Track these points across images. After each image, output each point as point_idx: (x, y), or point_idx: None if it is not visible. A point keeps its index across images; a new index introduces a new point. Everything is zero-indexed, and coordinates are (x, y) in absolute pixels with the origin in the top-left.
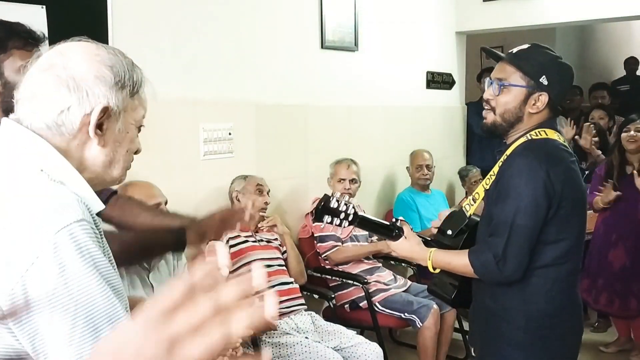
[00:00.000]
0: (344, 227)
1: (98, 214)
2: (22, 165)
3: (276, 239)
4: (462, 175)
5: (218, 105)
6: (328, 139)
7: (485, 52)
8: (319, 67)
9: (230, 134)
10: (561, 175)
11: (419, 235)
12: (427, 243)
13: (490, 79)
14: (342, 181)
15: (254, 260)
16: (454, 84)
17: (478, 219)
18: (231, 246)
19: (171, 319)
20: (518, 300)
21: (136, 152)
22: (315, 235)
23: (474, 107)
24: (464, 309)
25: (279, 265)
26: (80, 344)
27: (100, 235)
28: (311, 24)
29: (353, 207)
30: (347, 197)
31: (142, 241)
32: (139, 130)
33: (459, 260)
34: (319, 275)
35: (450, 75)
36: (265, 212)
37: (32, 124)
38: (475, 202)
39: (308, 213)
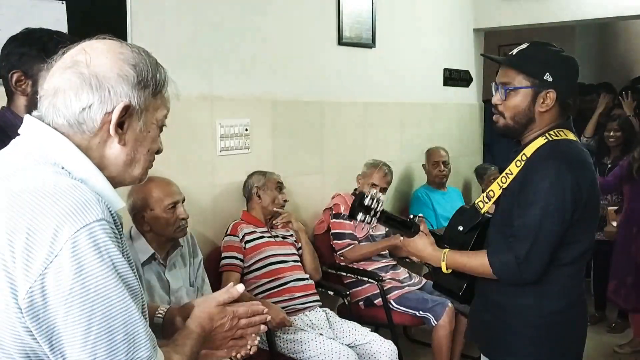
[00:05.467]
0: (373, 224)
1: None
2: (43, 163)
3: (291, 235)
4: (480, 173)
5: (235, 101)
6: (344, 136)
7: (484, 57)
8: (336, 63)
9: (247, 130)
10: (587, 180)
11: (433, 233)
12: (438, 241)
13: (496, 83)
14: (374, 186)
15: (270, 255)
16: (472, 82)
17: (489, 217)
18: (247, 242)
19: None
20: (532, 297)
21: (157, 152)
22: (332, 231)
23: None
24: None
25: (294, 261)
26: (95, 345)
27: (120, 234)
28: (328, 20)
29: (381, 204)
30: (379, 194)
31: None
32: (161, 130)
33: (476, 261)
34: (333, 272)
35: (467, 72)
36: (282, 208)
37: (53, 120)
38: (489, 200)
39: (326, 209)
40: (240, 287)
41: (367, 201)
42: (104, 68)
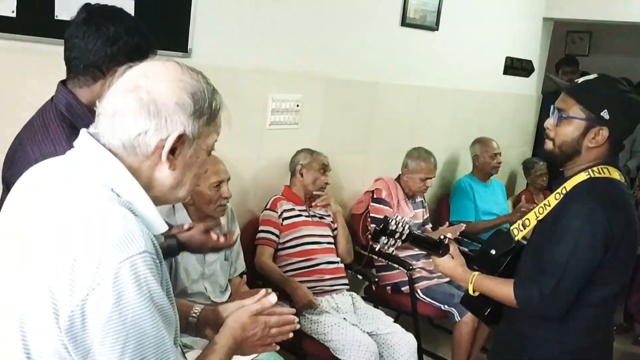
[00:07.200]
0: (397, 245)
1: None
2: (94, 183)
3: (329, 215)
4: (527, 167)
5: (289, 76)
6: (394, 118)
7: (550, 79)
8: (396, 44)
9: (297, 105)
10: (622, 221)
11: (464, 254)
12: (469, 261)
13: (554, 106)
14: (427, 180)
15: (305, 235)
16: (533, 72)
17: (524, 243)
18: (284, 218)
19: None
20: (557, 333)
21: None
22: (370, 214)
23: (550, 99)
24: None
25: (328, 242)
26: None
27: (160, 262)
28: (394, 0)
29: (409, 227)
30: (404, 218)
31: None
32: (209, 154)
33: (502, 290)
34: (365, 253)
35: (530, 62)
36: (323, 191)
37: (109, 141)
38: (525, 229)
39: (367, 191)
40: (273, 298)
41: (391, 226)
42: (163, 95)
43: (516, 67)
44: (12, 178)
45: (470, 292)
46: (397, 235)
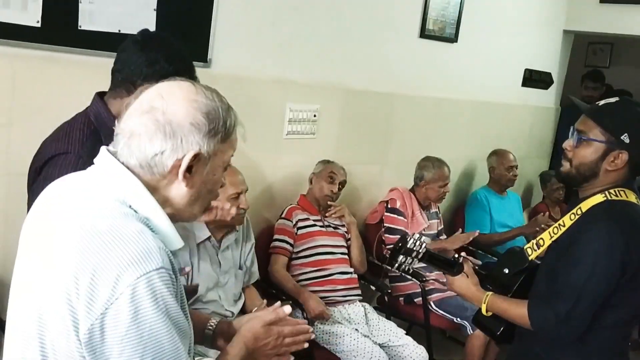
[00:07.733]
0: (415, 265)
1: None
2: (112, 199)
3: (343, 226)
4: (545, 179)
5: (307, 86)
6: (411, 129)
7: (570, 100)
8: (415, 56)
9: (315, 115)
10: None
11: (477, 272)
12: (482, 280)
13: (574, 128)
14: (444, 186)
15: (319, 245)
16: (552, 84)
17: (537, 263)
18: (299, 228)
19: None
20: (572, 355)
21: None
22: (385, 224)
23: (569, 112)
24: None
25: (342, 253)
26: None
27: (176, 277)
28: (413, 12)
29: (425, 246)
30: (422, 237)
31: None
32: (225, 170)
33: (516, 310)
34: (379, 263)
35: (549, 74)
36: (332, 201)
37: (127, 160)
38: (539, 249)
39: (382, 201)
40: (287, 309)
41: (409, 244)
42: (179, 116)
43: (535, 79)
44: (29, 174)
45: (484, 312)
46: (415, 254)
